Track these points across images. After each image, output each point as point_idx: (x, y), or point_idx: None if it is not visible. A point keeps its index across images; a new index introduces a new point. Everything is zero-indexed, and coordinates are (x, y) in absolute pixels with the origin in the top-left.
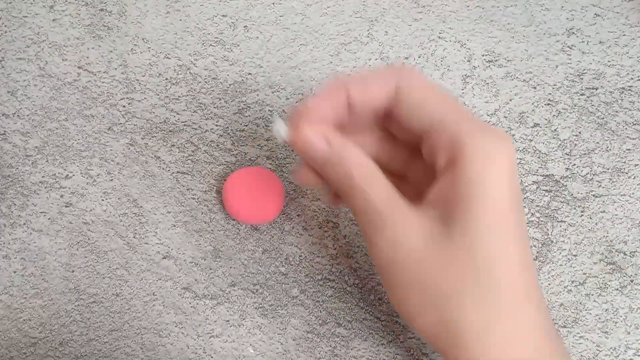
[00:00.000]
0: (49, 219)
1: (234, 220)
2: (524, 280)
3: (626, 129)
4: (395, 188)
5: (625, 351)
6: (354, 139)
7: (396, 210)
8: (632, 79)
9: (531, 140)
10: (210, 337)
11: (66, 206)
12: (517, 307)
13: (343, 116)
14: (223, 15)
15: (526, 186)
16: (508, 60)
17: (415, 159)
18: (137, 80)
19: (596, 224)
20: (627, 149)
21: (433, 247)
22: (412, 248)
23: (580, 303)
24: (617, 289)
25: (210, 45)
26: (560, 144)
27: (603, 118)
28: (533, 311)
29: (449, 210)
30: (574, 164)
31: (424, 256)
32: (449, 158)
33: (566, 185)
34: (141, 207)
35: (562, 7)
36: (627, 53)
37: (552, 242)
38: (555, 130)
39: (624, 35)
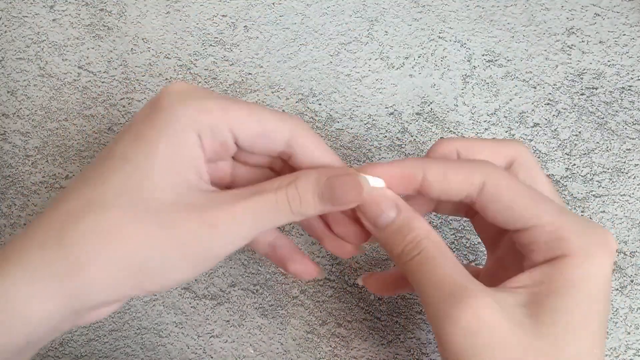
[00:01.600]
0: None
1: None
2: None
3: (626, 129)
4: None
5: (625, 351)
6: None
7: (477, 286)
8: (632, 78)
9: (531, 140)
10: (210, 337)
11: None
12: None
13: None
14: (223, 15)
15: None
16: (508, 60)
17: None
18: (137, 80)
19: None
20: (627, 149)
21: (520, 333)
22: (498, 331)
23: None
24: (617, 289)
25: (210, 45)
26: (560, 144)
27: (603, 118)
28: None
29: (538, 301)
30: (574, 164)
31: (510, 342)
32: (547, 255)
33: (566, 186)
34: None
35: (562, 6)
36: (627, 53)
37: None
38: (555, 130)
39: (624, 35)
